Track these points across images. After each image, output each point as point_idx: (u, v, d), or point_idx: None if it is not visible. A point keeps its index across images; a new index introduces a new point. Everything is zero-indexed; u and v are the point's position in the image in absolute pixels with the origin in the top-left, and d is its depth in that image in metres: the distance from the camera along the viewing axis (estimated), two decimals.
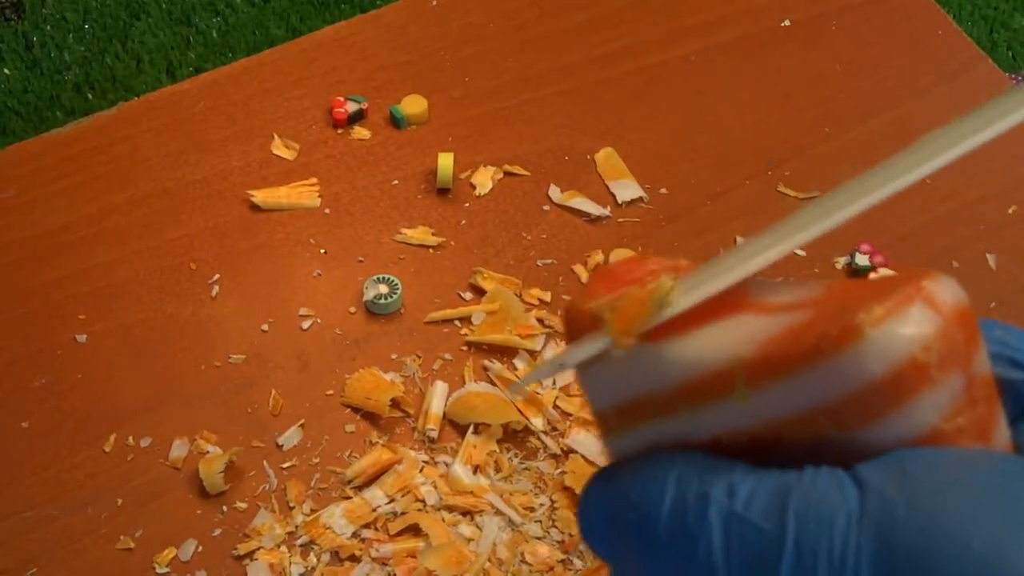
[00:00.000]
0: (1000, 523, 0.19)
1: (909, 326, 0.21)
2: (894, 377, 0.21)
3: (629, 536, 0.24)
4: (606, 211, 0.67)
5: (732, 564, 0.21)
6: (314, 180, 0.69)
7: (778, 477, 0.22)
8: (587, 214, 0.68)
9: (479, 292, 0.64)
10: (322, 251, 0.66)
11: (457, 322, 0.63)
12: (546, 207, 0.68)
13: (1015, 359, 0.24)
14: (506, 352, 0.62)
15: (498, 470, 0.58)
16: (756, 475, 0.22)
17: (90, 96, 1.49)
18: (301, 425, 0.59)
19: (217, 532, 0.56)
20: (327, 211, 0.68)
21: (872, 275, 0.64)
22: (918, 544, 0.19)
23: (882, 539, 0.20)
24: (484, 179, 0.69)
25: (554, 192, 0.69)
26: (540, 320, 0.63)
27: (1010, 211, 0.69)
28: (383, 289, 0.63)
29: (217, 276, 0.65)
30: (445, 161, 0.68)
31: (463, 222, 0.67)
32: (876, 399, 0.21)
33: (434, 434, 0.59)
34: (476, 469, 0.58)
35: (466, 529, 0.56)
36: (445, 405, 0.60)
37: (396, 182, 0.69)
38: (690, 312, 0.24)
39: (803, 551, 0.20)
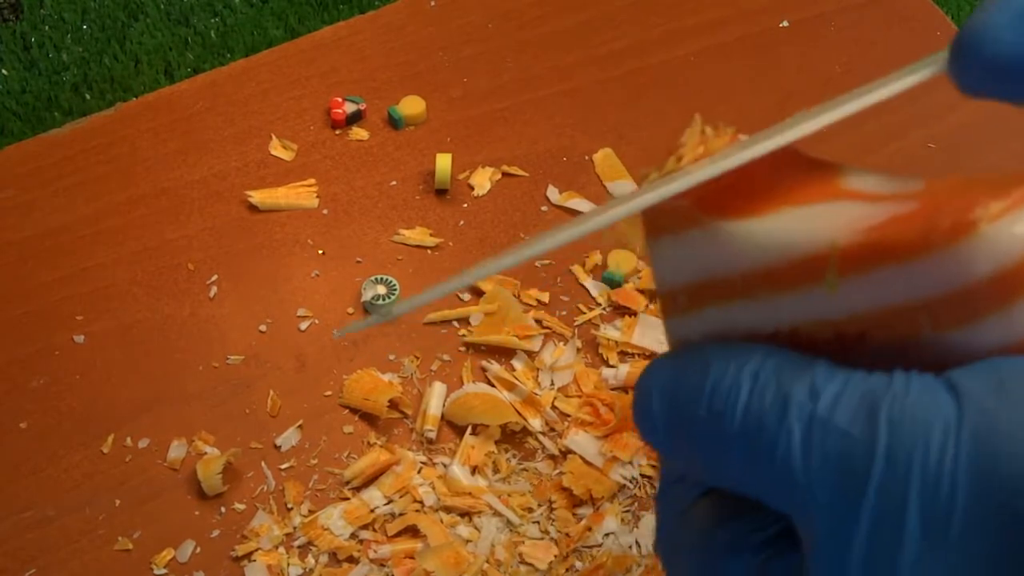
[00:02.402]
0: None
1: None
2: (1003, 277, 0.20)
3: (695, 430, 0.22)
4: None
5: (814, 471, 0.20)
6: (312, 181, 0.69)
7: (865, 379, 0.20)
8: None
9: (477, 293, 0.64)
10: (320, 252, 0.66)
11: (455, 323, 0.63)
12: (544, 208, 0.68)
13: None
14: (504, 353, 0.62)
15: (496, 471, 0.58)
16: (841, 375, 0.21)
17: (88, 97, 1.49)
18: (299, 426, 0.59)
19: (215, 533, 0.56)
20: (325, 212, 0.67)
21: None
22: (1019, 458, 0.18)
23: (982, 450, 0.19)
24: (482, 180, 0.69)
25: (552, 193, 0.69)
26: (538, 321, 0.63)
27: None
28: (381, 290, 0.63)
29: (215, 277, 0.65)
30: (443, 162, 0.68)
31: (461, 223, 0.67)
32: (981, 298, 0.20)
33: (432, 435, 0.58)
34: (474, 470, 0.58)
35: (464, 530, 0.56)
36: (443, 406, 0.59)
37: (394, 183, 0.69)
38: (780, 190, 0.23)
39: (896, 459, 0.19)
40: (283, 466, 0.58)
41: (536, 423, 0.59)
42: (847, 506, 0.20)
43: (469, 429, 0.59)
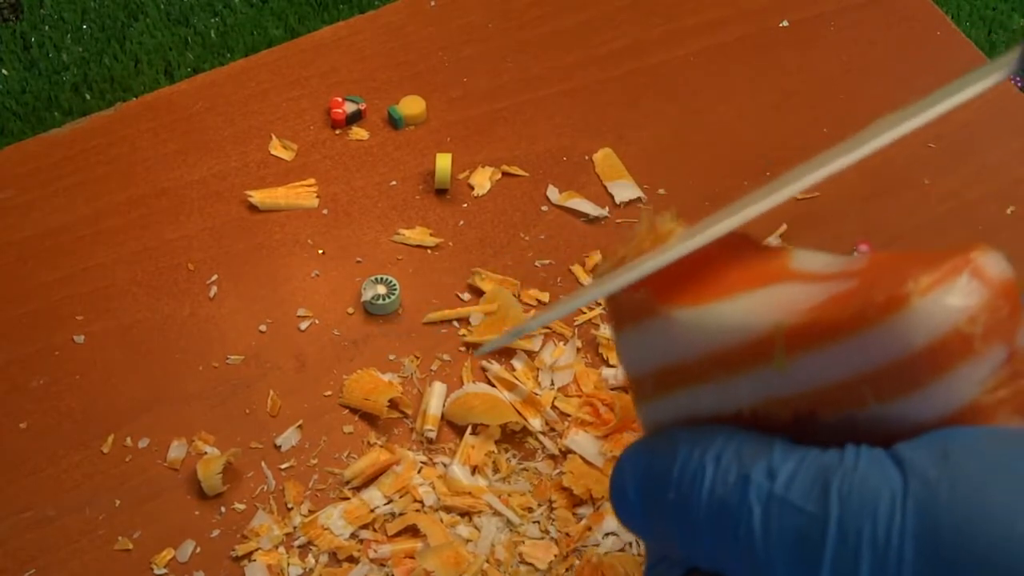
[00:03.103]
0: None
1: (956, 297, 0.21)
2: (938, 347, 0.21)
3: (666, 514, 0.24)
4: (604, 212, 0.67)
5: (772, 546, 0.21)
6: (312, 181, 0.69)
7: (818, 457, 0.22)
8: (585, 215, 0.68)
9: (477, 293, 0.64)
10: (320, 252, 0.66)
11: (455, 323, 0.63)
12: (544, 208, 0.68)
13: None
14: (504, 353, 0.62)
15: (496, 471, 0.58)
16: (796, 455, 0.22)
17: (88, 97, 1.49)
18: (299, 426, 0.59)
19: (215, 533, 0.56)
20: (325, 212, 0.67)
21: None
22: (963, 525, 0.19)
23: (926, 520, 0.20)
24: (482, 180, 0.69)
25: (552, 193, 0.69)
26: None
27: (1009, 211, 0.69)
28: (381, 290, 0.63)
29: (215, 277, 0.65)
30: (443, 162, 0.68)
31: (461, 223, 0.67)
32: (919, 368, 0.21)
33: (432, 435, 0.58)
34: (474, 470, 0.58)
35: (464, 530, 0.56)
36: (443, 406, 0.59)
37: (394, 183, 0.69)
38: (731, 278, 0.24)
39: (846, 532, 0.20)
40: (283, 466, 0.58)
41: (536, 423, 0.59)
42: None
43: (469, 429, 0.59)
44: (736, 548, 0.22)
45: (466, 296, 0.64)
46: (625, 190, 0.69)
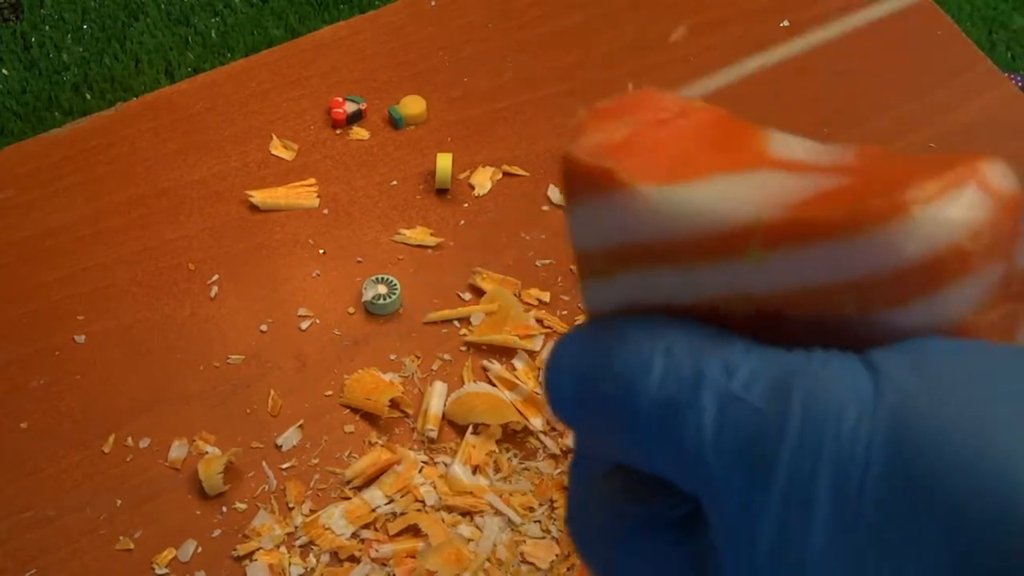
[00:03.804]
0: None
1: (960, 209, 0.19)
2: (934, 261, 0.19)
3: (605, 408, 0.21)
4: None
5: (724, 449, 0.19)
6: (312, 180, 0.69)
7: (783, 356, 0.19)
8: None
9: (478, 292, 0.64)
10: (321, 251, 0.66)
11: (456, 322, 0.63)
12: (545, 207, 0.68)
13: None
14: (505, 352, 0.62)
15: (497, 470, 0.58)
16: (758, 353, 0.20)
17: (88, 96, 1.49)
18: (300, 426, 0.59)
19: (216, 533, 0.56)
20: (326, 211, 0.67)
21: None
22: (936, 440, 0.17)
23: (897, 432, 0.18)
24: (483, 179, 0.69)
25: (553, 192, 0.69)
26: (539, 320, 0.63)
27: None
28: (382, 289, 0.63)
29: (216, 276, 0.65)
30: (444, 161, 0.68)
31: (462, 222, 0.67)
32: (910, 282, 0.19)
33: (433, 434, 0.58)
34: (475, 469, 0.58)
35: (465, 529, 0.56)
36: (444, 405, 0.59)
37: (395, 182, 0.69)
38: (705, 158, 0.22)
39: (807, 437, 0.18)
40: (284, 466, 0.58)
41: (537, 422, 0.59)
42: (756, 488, 0.19)
43: (470, 428, 0.59)
44: (681, 451, 0.20)
45: (467, 296, 0.64)
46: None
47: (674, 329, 0.21)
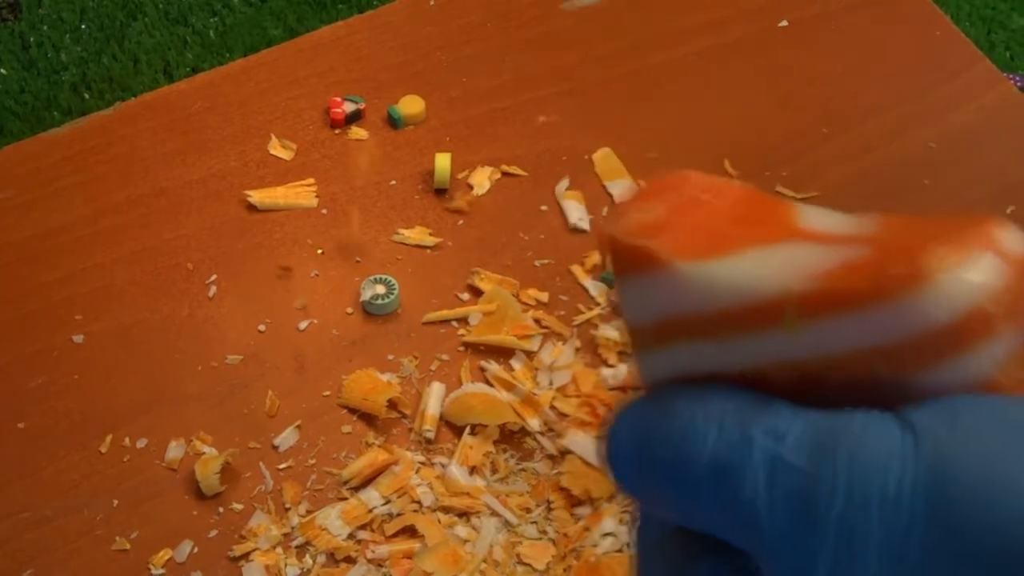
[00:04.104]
0: None
1: (980, 274, 0.20)
2: (958, 325, 0.20)
3: (663, 475, 0.23)
4: (586, 225, 0.67)
5: (776, 509, 0.21)
6: (311, 180, 0.69)
7: (825, 419, 0.21)
8: (578, 221, 0.67)
9: (476, 293, 0.64)
10: (319, 251, 0.66)
11: (454, 323, 0.63)
12: (544, 207, 0.68)
13: None
14: (503, 353, 0.62)
15: (494, 471, 0.58)
16: (802, 417, 0.21)
17: (87, 96, 1.49)
18: (297, 426, 0.59)
19: (213, 533, 0.56)
20: (324, 211, 0.67)
21: None
22: (975, 484, 0.19)
23: (936, 481, 0.19)
24: (482, 179, 0.69)
25: (560, 188, 0.68)
26: (537, 321, 0.63)
27: (1009, 211, 0.69)
28: (380, 290, 0.63)
29: (214, 276, 0.65)
30: (443, 161, 0.67)
31: (460, 223, 0.67)
32: (936, 345, 0.21)
33: (431, 435, 0.58)
34: (472, 470, 0.58)
35: (462, 530, 0.56)
36: (442, 406, 0.59)
37: (394, 182, 0.69)
38: (738, 233, 0.23)
39: (854, 492, 0.20)
40: (281, 466, 0.58)
41: (534, 423, 0.59)
42: (808, 543, 0.20)
43: (468, 429, 0.59)
44: (737, 512, 0.22)
45: (465, 296, 0.64)
46: (625, 189, 0.69)
47: (723, 397, 0.23)
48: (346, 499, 0.57)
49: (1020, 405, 0.20)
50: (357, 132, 0.71)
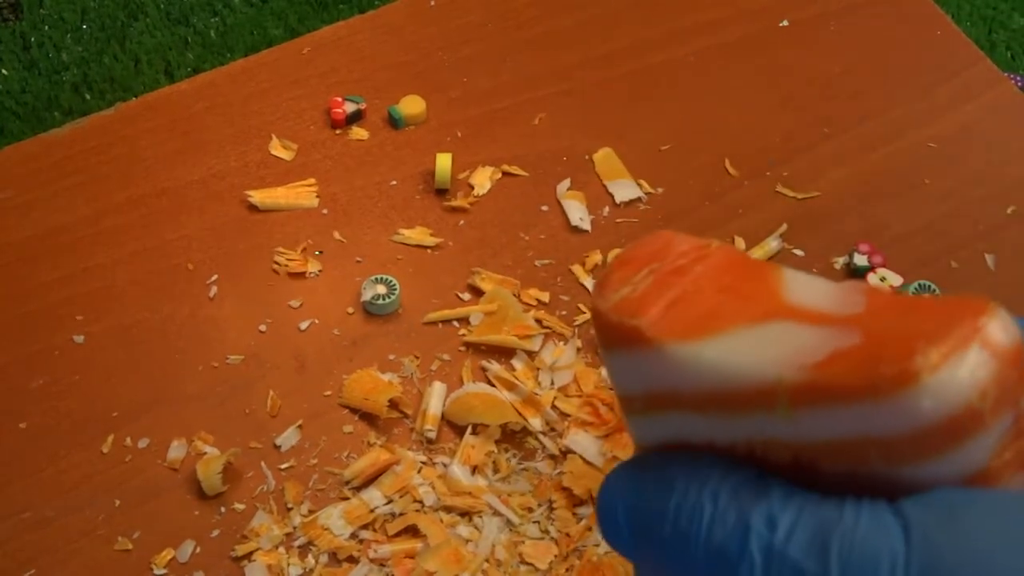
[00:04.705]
0: None
1: (967, 373, 0.20)
2: (949, 423, 0.21)
3: (660, 547, 0.24)
4: (587, 225, 0.67)
5: None
6: (312, 180, 0.69)
7: (818, 509, 0.21)
8: (578, 221, 0.67)
9: (477, 293, 0.64)
10: (319, 252, 0.66)
11: (455, 323, 0.63)
12: (544, 207, 0.68)
13: None
14: (504, 353, 0.62)
15: (496, 471, 0.58)
16: (795, 504, 0.22)
17: (88, 96, 1.49)
18: (299, 426, 0.59)
19: (215, 533, 0.56)
20: (325, 211, 0.67)
21: (871, 276, 0.64)
22: None
23: None
24: (482, 179, 0.69)
25: (561, 188, 0.68)
26: (538, 320, 0.63)
27: (1009, 211, 0.69)
28: (381, 289, 0.63)
29: (215, 277, 0.65)
30: (443, 161, 0.67)
31: (461, 223, 0.67)
32: (928, 441, 0.21)
33: (432, 435, 0.58)
34: (474, 470, 0.58)
35: (464, 530, 0.56)
36: (443, 406, 0.59)
37: (394, 182, 0.69)
38: (725, 309, 0.23)
39: None
40: (283, 466, 0.58)
41: (536, 423, 0.59)
42: None
43: (469, 429, 0.59)
44: None
45: (466, 296, 0.64)
46: (625, 189, 0.69)
47: (717, 473, 0.23)
48: (348, 499, 0.57)
49: (1006, 503, 0.20)
50: (358, 132, 0.71)
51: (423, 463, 0.58)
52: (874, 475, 0.22)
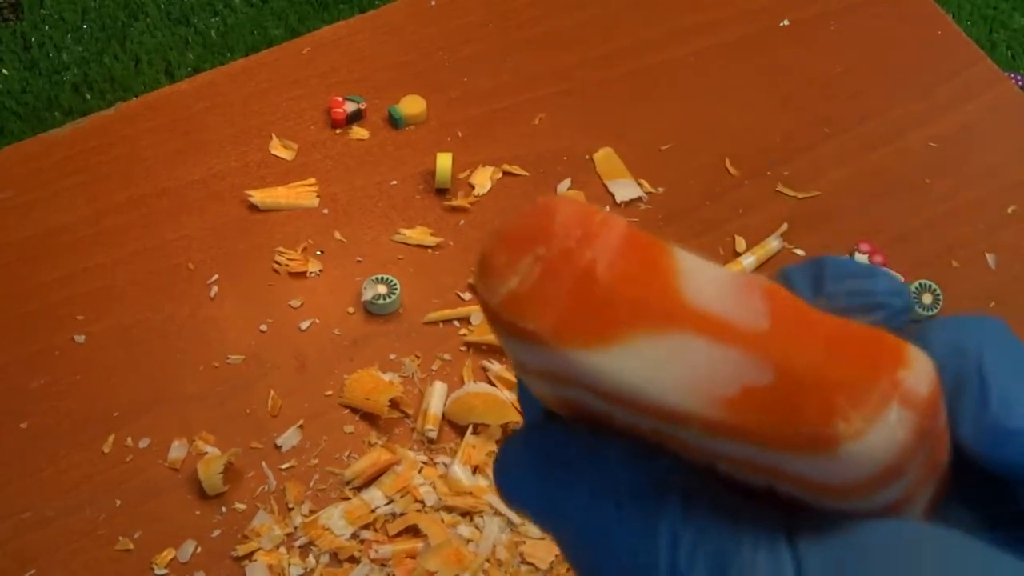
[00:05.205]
0: None
1: (888, 436, 0.20)
2: (867, 479, 0.21)
3: (566, 547, 0.24)
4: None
5: None
6: (312, 180, 0.69)
7: (719, 537, 0.21)
8: None
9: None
10: (320, 251, 0.66)
11: (456, 322, 0.63)
12: None
13: (869, 303, 0.24)
14: (505, 352, 0.62)
15: None
16: (698, 523, 0.22)
17: (88, 96, 1.49)
18: (300, 426, 0.59)
19: (216, 533, 0.56)
20: (325, 211, 0.67)
21: None
22: None
23: None
24: (483, 179, 0.69)
25: (562, 188, 0.68)
26: None
27: (1009, 211, 0.69)
28: (382, 289, 0.63)
29: (215, 277, 0.65)
30: (444, 161, 0.67)
31: (462, 222, 0.67)
32: (845, 490, 0.21)
33: (433, 435, 0.58)
34: (475, 469, 0.58)
35: (465, 530, 0.56)
36: (444, 405, 0.59)
37: (395, 182, 0.69)
38: (621, 305, 0.22)
39: None
40: (284, 466, 0.58)
41: None
42: None
43: (470, 428, 0.59)
44: None
45: (466, 295, 0.64)
46: (625, 189, 0.69)
47: (623, 471, 0.23)
48: (349, 499, 0.57)
49: (913, 547, 0.20)
50: (358, 132, 0.71)
51: (424, 463, 0.58)
52: (793, 492, 0.22)
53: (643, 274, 0.23)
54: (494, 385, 0.60)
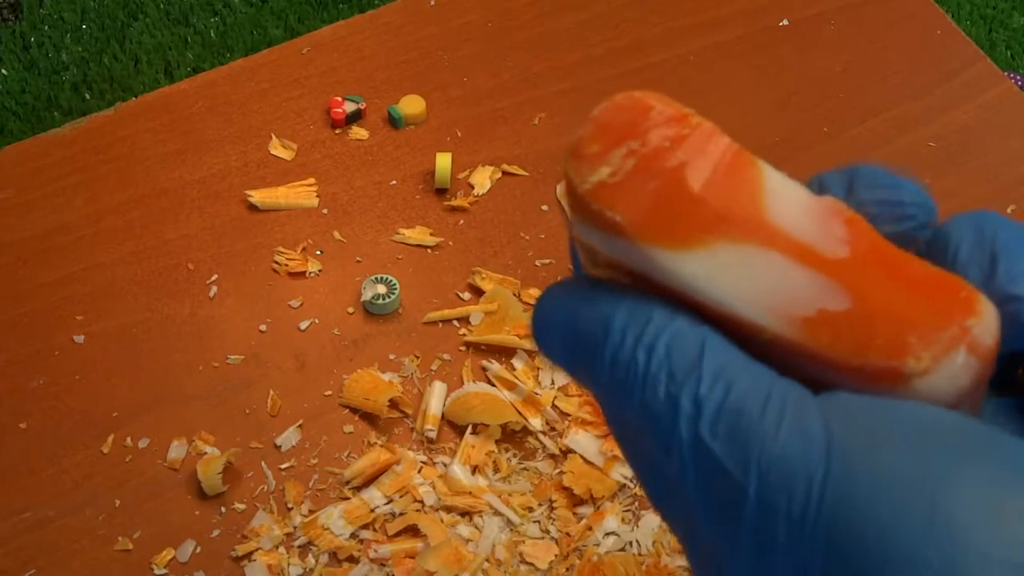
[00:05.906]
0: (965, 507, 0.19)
1: (951, 378, 0.21)
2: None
3: (596, 384, 0.24)
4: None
5: (696, 492, 0.22)
6: (312, 180, 0.69)
7: (742, 397, 0.21)
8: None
9: (477, 292, 0.64)
10: (319, 251, 0.66)
11: (455, 322, 0.63)
12: (544, 207, 0.68)
13: (896, 213, 0.25)
14: (504, 352, 0.62)
15: (496, 470, 0.58)
16: (723, 382, 0.21)
17: (88, 96, 1.49)
18: (299, 426, 0.59)
19: (215, 533, 0.56)
20: (325, 211, 0.67)
21: None
22: (876, 532, 0.19)
23: (841, 515, 0.20)
24: (482, 179, 0.69)
25: (561, 188, 0.68)
26: None
27: (1009, 210, 0.69)
28: (381, 289, 0.63)
29: (215, 276, 0.65)
30: (443, 161, 0.67)
31: (461, 222, 0.67)
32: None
33: (432, 434, 0.58)
34: (475, 469, 0.58)
35: (465, 530, 0.56)
36: (443, 405, 0.59)
37: (394, 182, 0.69)
38: (705, 214, 0.23)
39: (765, 508, 0.20)
40: (283, 466, 0.58)
41: (536, 422, 0.59)
42: (727, 538, 0.21)
43: (469, 428, 0.59)
44: (663, 456, 0.22)
45: (466, 295, 0.64)
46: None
47: (656, 320, 0.23)
48: (348, 499, 0.57)
49: (945, 434, 0.20)
50: (358, 132, 0.71)
51: (423, 463, 0.58)
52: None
53: (731, 185, 0.24)
54: (494, 385, 0.60)
